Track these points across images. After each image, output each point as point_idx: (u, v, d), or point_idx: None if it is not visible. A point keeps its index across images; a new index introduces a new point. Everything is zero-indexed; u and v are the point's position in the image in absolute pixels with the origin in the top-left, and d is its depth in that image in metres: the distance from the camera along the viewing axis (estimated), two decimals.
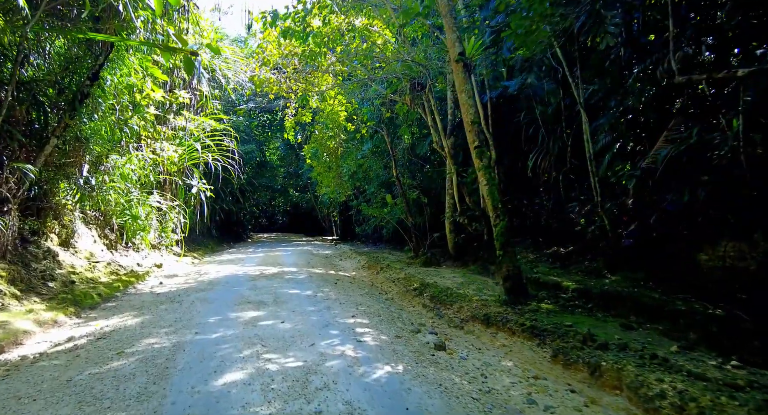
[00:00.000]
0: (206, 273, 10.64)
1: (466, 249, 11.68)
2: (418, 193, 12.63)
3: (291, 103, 12.90)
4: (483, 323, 5.48)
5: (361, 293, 7.85)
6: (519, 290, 5.87)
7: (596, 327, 4.66)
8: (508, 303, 5.80)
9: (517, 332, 4.92)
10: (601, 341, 4.01)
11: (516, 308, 5.59)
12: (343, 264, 13.43)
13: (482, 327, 5.46)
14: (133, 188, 12.03)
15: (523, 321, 4.99)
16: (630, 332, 4.51)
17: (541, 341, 4.54)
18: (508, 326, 5.04)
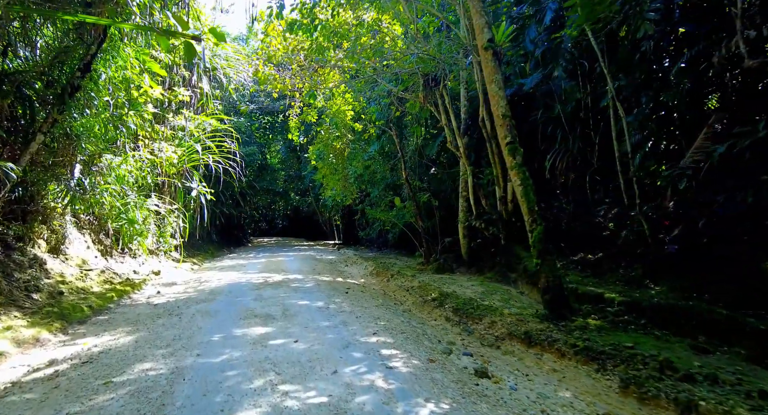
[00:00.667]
0: (207, 281, 9.93)
1: (480, 255, 11.00)
2: (429, 196, 11.96)
3: (296, 102, 12.23)
4: (523, 342, 4.80)
5: (376, 304, 7.15)
6: (561, 303, 5.19)
7: (663, 349, 3.98)
8: (550, 318, 5.11)
9: (567, 354, 4.23)
10: (683, 371, 3.33)
11: (559, 325, 4.90)
12: (350, 270, 12.74)
13: (522, 346, 4.77)
14: (129, 191, 11.33)
15: (574, 341, 4.31)
16: (707, 357, 3.83)
17: (601, 366, 3.86)
18: (557, 347, 4.36)
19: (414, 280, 9.59)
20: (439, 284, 8.91)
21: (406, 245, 17.03)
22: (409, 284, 9.45)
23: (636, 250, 6.93)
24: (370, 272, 11.96)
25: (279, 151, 28.99)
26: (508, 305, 6.57)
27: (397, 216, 12.60)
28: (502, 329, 5.28)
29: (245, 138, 19.41)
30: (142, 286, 8.96)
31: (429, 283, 8.96)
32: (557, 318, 5.05)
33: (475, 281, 9.29)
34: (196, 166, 15.04)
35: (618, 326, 4.80)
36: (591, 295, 5.80)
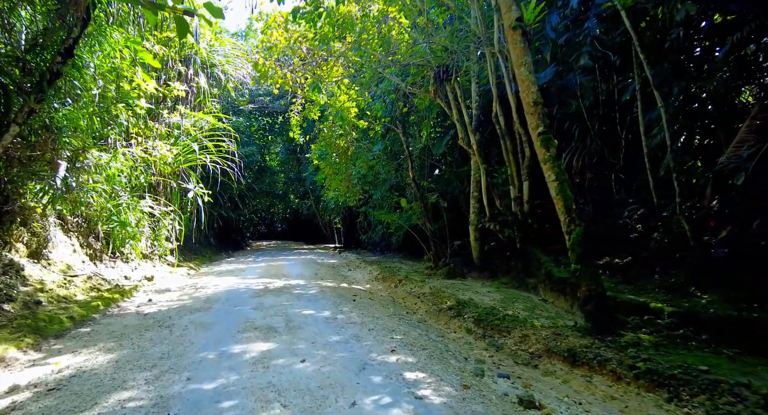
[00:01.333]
0: (203, 287, 9.22)
1: (492, 259, 10.32)
2: (437, 197, 11.29)
3: (297, 99, 11.57)
4: (566, 361, 4.11)
5: (388, 314, 6.46)
6: (605, 315, 4.51)
7: (744, 374, 3.30)
8: (593, 332, 4.43)
9: (625, 377, 3.55)
10: None
11: (606, 340, 4.22)
12: (354, 275, 12.03)
13: (565, 366, 4.09)
14: (122, 191, 10.64)
15: (630, 361, 3.63)
16: None
17: (673, 394, 3.18)
18: (610, 368, 3.68)
19: (424, 286, 8.90)
20: (452, 290, 8.22)
21: (411, 249, 16.35)
22: (420, 290, 8.76)
23: (673, 253, 6.26)
24: (376, 277, 11.27)
25: (278, 153, 28.30)
26: (535, 315, 5.89)
27: (403, 218, 11.92)
28: (537, 344, 4.59)
29: (244, 138, 18.72)
30: (133, 293, 8.24)
31: (441, 289, 8.27)
32: (602, 332, 4.37)
33: (491, 287, 8.61)
34: (192, 167, 14.35)
35: (676, 342, 4.12)
36: (632, 304, 5.12)
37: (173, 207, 12.97)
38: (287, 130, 25.61)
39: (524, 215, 9.20)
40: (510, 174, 9.39)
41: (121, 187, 10.59)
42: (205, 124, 12.08)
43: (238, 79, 15.18)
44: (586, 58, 7.56)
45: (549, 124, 5.12)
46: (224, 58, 13.20)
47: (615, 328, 4.41)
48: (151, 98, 10.49)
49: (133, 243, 10.83)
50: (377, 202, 15.89)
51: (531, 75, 5.06)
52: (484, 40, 8.76)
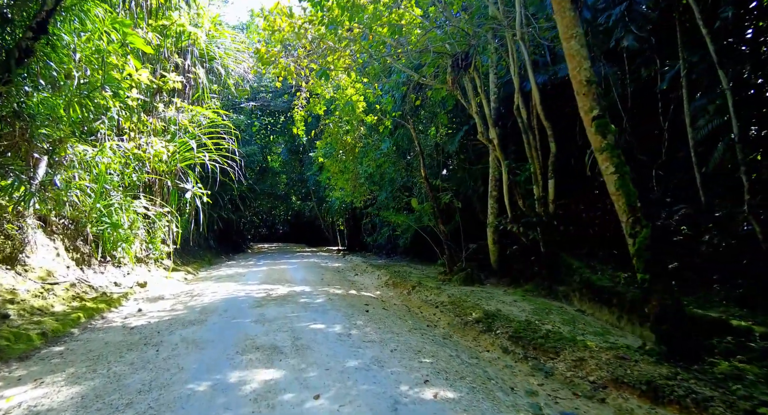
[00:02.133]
0: (200, 294, 8.37)
1: (511, 264, 9.48)
2: (451, 197, 10.45)
3: (301, 92, 10.75)
4: (645, 397, 3.26)
5: (407, 328, 5.61)
6: (685, 337, 3.66)
7: None
8: (671, 358, 3.58)
9: None
10: None
11: (692, 370, 3.37)
12: (362, 281, 11.18)
13: (644, 402, 3.24)
14: (113, 191, 9.82)
15: (746, 405, 2.78)
16: None
17: None
18: (716, 413, 2.82)
19: (441, 293, 8.06)
20: (473, 299, 7.38)
21: (419, 252, 15.50)
22: (437, 298, 7.91)
23: (734, 259, 5.42)
24: (386, 283, 10.41)
25: (280, 154, 27.47)
26: (580, 331, 5.04)
27: (413, 219, 11.08)
28: (599, 370, 3.74)
29: (245, 137, 17.90)
30: (122, 302, 7.39)
31: (461, 298, 7.42)
32: (684, 358, 3.52)
33: (514, 295, 7.76)
34: (191, 166, 13.54)
35: None
36: (704, 321, 4.27)
37: (170, 208, 12.17)
38: (289, 130, 24.81)
39: (549, 216, 8.36)
40: (533, 171, 8.57)
41: (113, 186, 9.78)
42: (204, 120, 11.26)
43: (239, 74, 14.37)
44: (630, 40, 6.71)
45: (605, 106, 4.28)
46: (224, 51, 12.38)
47: (699, 353, 3.56)
48: (145, 90, 9.67)
49: (126, 246, 10.03)
50: (383, 203, 15.06)
51: (583, 49, 4.23)
52: (504, 26, 7.95)
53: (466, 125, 11.53)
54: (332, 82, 10.59)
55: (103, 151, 7.53)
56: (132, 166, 9.24)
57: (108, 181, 9.67)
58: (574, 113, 8.99)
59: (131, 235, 10.23)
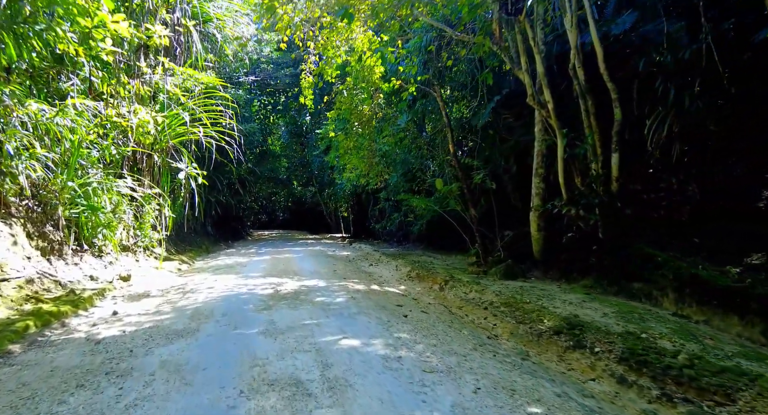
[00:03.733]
0: (194, 290, 6.86)
1: (558, 253, 8.00)
2: (484, 176, 8.91)
3: (310, 55, 9.12)
4: None
5: (468, 343, 4.12)
6: None
7: None
8: None
9: None
10: None
11: None
12: (380, 272, 9.69)
13: None
14: (91, 167, 8.26)
15: None
16: None
17: None
18: None
19: (484, 290, 6.57)
20: (529, 297, 5.90)
21: (434, 239, 14.00)
22: (480, 296, 6.43)
23: None
24: (408, 275, 8.92)
25: (280, 137, 25.75)
26: (723, 353, 3.56)
27: (437, 202, 9.56)
28: None
29: (244, 113, 16.22)
30: (95, 301, 5.86)
31: (514, 297, 5.94)
32: None
33: (576, 293, 6.28)
34: (184, 143, 11.91)
35: None
36: None
37: (158, 190, 10.60)
38: (291, 111, 23.10)
39: (612, 196, 6.86)
40: (591, 143, 7.03)
41: (90, 161, 8.20)
42: (197, 90, 9.60)
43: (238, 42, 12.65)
44: None
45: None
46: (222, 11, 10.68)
47: None
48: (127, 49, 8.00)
49: (108, 233, 8.49)
50: (397, 186, 13.52)
51: None
52: None
53: (498, 95, 9.97)
54: (346, 43, 8.96)
55: (64, 111, 5.90)
56: (111, 138, 7.63)
57: (84, 156, 8.09)
58: (630, 76, 7.50)
59: (114, 219, 8.70)
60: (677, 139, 7.14)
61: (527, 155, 10.20)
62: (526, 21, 6.68)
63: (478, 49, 6.98)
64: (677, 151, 7.14)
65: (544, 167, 7.91)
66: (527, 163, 10.22)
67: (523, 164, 10.28)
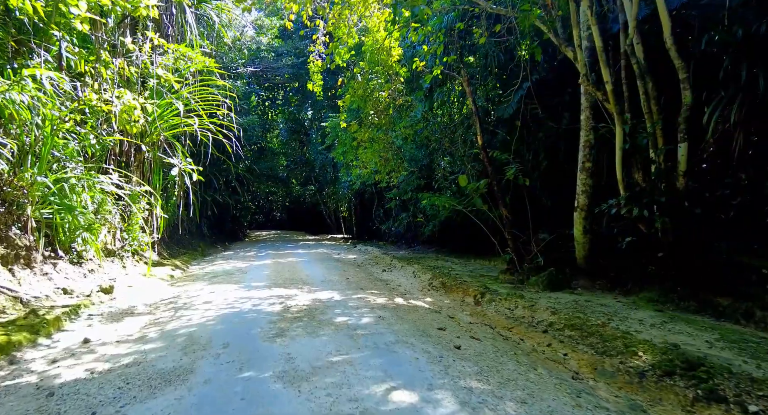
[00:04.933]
0: (186, 306, 5.69)
1: (607, 260, 6.91)
2: (516, 171, 7.80)
3: (319, 35, 7.97)
4: None
5: (562, 395, 2.99)
6: None
7: None
8: None
9: None
10: None
11: None
12: (397, 280, 8.55)
13: None
14: (69, 160, 7.08)
15: None
16: None
17: None
18: None
19: (534, 306, 5.45)
20: (592, 316, 4.80)
21: (450, 242, 12.89)
22: (532, 314, 5.31)
23: None
24: (429, 284, 7.79)
25: (279, 134, 24.49)
26: None
27: (462, 201, 8.44)
28: None
29: (242, 105, 14.99)
30: (63, 323, 4.67)
31: (577, 316, 4.83)
32: None
33: (647, 310, 5.17)
34: (177, 136, 10.72)
35: None
36: None
37: (151, 188, 9.42)
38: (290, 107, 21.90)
39: (678, 194, 5.76)
40: (650, 132, 5.93)
41: (68, 153, 7.01)
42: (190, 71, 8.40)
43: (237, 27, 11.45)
44: None
45: None
46: None
47: None
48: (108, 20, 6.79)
49: (89, 236, 7.29)
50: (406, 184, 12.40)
51: None
52: None
53: (527, 82, 8.87)
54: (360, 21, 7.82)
55: (21, 84, 4.68)
56: (90, 125, 6.43)
57: (60, 147, 6.90)
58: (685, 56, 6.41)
59: (97, 221, 7.52)
60: (741, 128, 6.07)
61: (558, 149, 9.14)
62: None
63: (523, 21, 5.84)
64: (740, 142, 6.06)
65: (592, 161, 6.80)
66: (558, 158, 9.18)
67: (554, 159, 9.21)
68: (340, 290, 6.80)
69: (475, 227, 10.06)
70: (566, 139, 9.03)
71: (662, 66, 6.27)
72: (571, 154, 8.91)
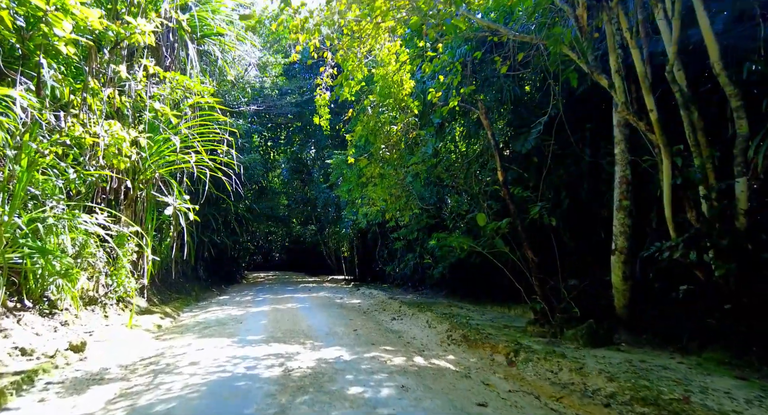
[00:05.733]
0: (169, 369, 4.73)
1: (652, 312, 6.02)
2: (542, 209, 7.04)
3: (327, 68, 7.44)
4: None
5: None
6: None
7: None
8: None
9: None
10: None
11: None
12: (409, 331, 7.57)
13: None
14: (49, 198, 6.33)
15: None
16: None
17: None
18: None
19: (583, 369, 4.51)
20: (660, 383, 3.87)
21: (461, 287, 11.91)
22: (583, 380, 4.36)
23: None
24: (448, 337, 6.80)
25: (281, 173, 23.93)
26: None
27: (480, 243, 7.62)
28: None
29: (244, 143, 14.42)
30: (5, 398, 3.70)
31: (644, 385, 3.89)
32: None
33: (721, 374, 4.24)
34: (174, 174, 10.04)
35: None
36: None
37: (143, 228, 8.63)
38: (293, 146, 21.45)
39: (739, 236, 4.96)
40: (699, 165, 5.20)
41: (46, 189, 6.26)
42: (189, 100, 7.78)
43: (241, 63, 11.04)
44: None
45: None
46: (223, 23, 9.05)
47: None
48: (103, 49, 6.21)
49: (65, 283, 6.39)
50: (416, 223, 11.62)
51: None
52: None
53: (545, 117, 8.29)
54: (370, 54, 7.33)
55: None
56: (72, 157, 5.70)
57: (38, 184, 6.15)
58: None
59: (75, 266, 6.65)
60: None
61: (579, 187, 8.46)
62: (619, 7, 5.00)
63: (554, 46, 5.24)
64: None
65: (630, 198, 6.05)
66: (581, 196, 8.48)
67: (576, 198, 8.50)
68: (348, 347, 5.84)
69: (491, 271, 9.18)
70: (589, 176, 8.37)
71: (704, 95, 5.67)
72: (594, 192, 8.22)
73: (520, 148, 8.60)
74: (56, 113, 5.60)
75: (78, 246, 7.25)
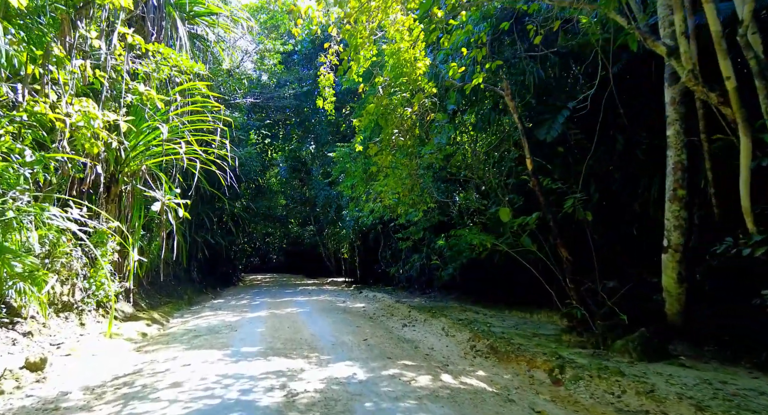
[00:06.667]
0: (143, 393, 3.78)
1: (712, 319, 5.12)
2: (575, 204, 6.13)
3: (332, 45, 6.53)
4: None
5: None
6: None
7: None
8: None
9: None
10: None
11: None
12: (425, 339, 6.62)
13: None
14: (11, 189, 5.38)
15: None
16: None
17: None
18: None
19: (655, 392, 3.62)
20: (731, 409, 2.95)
21: (473, 289, 11.00)
22: (657, 407, 3.45)
23: None
24: (472, 347, 5.87)
25: (279, 172, 22.96)
26: None
27: (504, 240, 6.71)
28: None
29: (240, 136, 13.45)
30: None
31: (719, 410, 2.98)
32: None
33: None
34: (165, 168, 9.08)
35: None
36: None
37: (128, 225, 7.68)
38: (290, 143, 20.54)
39: None
40: None
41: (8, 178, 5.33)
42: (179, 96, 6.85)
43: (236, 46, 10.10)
44: None
45: None
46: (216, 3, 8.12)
47: None
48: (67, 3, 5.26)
49: (29, 287, 5.43)
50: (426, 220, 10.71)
51: None
52: None
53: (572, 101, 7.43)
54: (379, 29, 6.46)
55: None
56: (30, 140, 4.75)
57: None
58: None
59: (42, 268, 5.71)
60: None
61: (610, 179, 7.63)
62: None
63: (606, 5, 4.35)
64: None
65: (685, 187, 5.15)
66: (611, 188, 7.64)
67: (606, 190, 7.67)
68: (361, 361, 4.90)
69: (513, 272, 8.30)
70: (620, 165, 7.53)
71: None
72: (626, 182, 7.38)
73: (544, 136, 7.69)
74: (13, 85, 4.65)
75: (48, 244, 6.31)
